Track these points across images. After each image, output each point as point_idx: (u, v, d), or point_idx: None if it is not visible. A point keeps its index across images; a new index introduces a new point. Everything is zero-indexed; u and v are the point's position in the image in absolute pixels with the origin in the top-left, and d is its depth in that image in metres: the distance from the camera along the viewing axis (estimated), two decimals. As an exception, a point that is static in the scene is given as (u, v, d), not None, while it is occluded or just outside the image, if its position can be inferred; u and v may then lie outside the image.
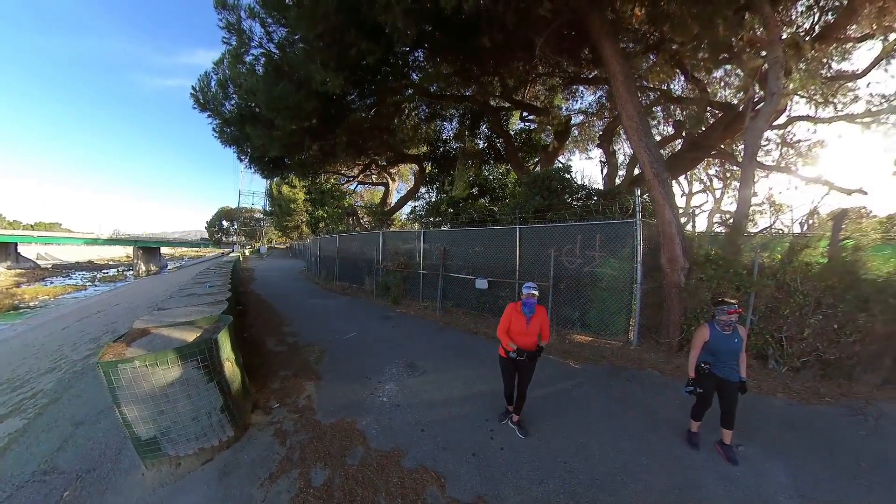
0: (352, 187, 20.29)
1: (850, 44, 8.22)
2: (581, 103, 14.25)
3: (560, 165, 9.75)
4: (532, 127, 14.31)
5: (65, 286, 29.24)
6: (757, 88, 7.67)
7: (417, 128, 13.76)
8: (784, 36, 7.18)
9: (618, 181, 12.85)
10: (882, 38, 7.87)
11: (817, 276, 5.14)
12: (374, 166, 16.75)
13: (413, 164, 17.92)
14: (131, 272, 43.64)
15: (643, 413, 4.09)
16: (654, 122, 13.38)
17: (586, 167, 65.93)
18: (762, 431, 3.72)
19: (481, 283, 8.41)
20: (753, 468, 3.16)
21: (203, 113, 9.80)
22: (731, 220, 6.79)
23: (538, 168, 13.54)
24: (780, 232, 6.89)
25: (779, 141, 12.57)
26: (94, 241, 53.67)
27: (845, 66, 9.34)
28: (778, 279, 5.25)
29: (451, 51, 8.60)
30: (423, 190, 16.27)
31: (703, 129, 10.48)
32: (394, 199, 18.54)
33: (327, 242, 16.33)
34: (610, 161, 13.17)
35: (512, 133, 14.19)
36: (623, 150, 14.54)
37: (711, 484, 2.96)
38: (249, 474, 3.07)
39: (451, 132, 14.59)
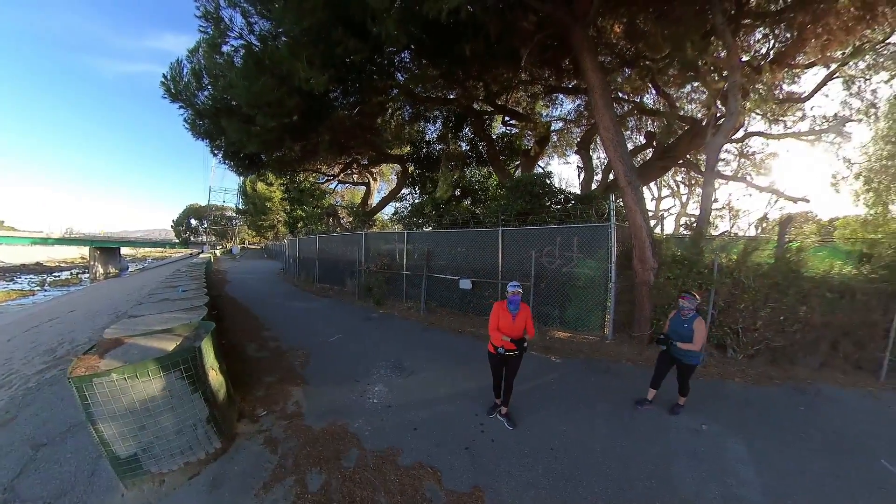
0: (331, 186, 19.81)
1: (799, 70, 9.15)
2: (560, 111, 14.66)
3: (541, 171, 10.30)
4: (513, 132, 14.64)
5: (8, 291, 26.71)
6: (719, 105, 8.38)
7: (401, 128, 13.65)
8: (744, 58, 7.93)
9: (594, 186, 13.31)
10: (825, 66, 8.79)
11: (766, 274, 5.71)
12: (355, 165, 16.45)
13: (395, 165, 17.76)
14: (87, 275, 40.66)
15: (619, 401, 4.42)
16: (628, 133, 14.02)
17: (564, 171, 67.69)
18: (723, 411, 4.19)
19: (465, 284, 8.49)
20: (716, 443, 3.58)
21: (174, 103, 9.25)
22: (695, 224, 7.45)
23: (519, 171, 13.92)
24: (736, 235, 7.57)
25: (737, 153, 13.77)
26: (44, 241, 49.59)
27: (795, 89, 10.38)
28: (734, 277, 5.78)
29: (438, 55, 8.61)
30: (405, 191, 16.15)
31: (672, 140, 11.28)
32: (375, 199, 18.28)
33: (307, 243, 15.90)
34: (586, 167, 13.69)
35: (494, 137, 14.36)
36: (599, 156, 15.12)
37: (682, 459, 3.34)
38: (242, 485, 2.94)
39: (434, 133, 14.58)
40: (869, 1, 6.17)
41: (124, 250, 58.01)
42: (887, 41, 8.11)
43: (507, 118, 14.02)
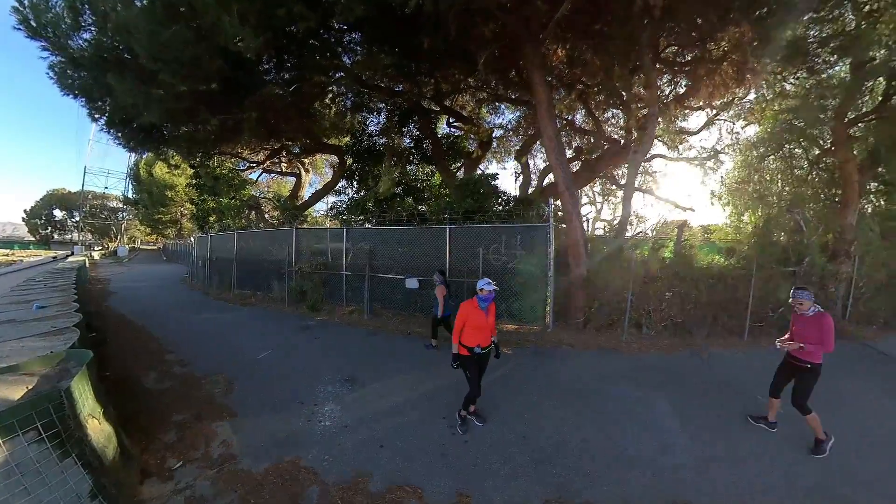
0: (253, 176, 17.36)
1: (690, 111, 11.73)
2: (502, 119, 15.27)
3: (487, 173, 10.58)
4: (456, 133, 14.72)
5: None
6: (633, 132, 10.10)
7: (342, 116, 12.47)
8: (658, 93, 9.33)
9: (530, 191, 13.99)
10: (710, 109, 11.59)
11: (669, 266, 7.28)
12: (284, 153, 14.62)
13: (331, 156, 16.34)
14: None
15: (568, 383, 4.91)
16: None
17: (501, 176, 70.31)
18: (647, 378, 5.06)
19: (412, 283, 8.07)
20: (645, 404, 4.31)
21: (35, 42, 6.93)
22: (616, 226, 8.77)
23: (461, 173, 14.11)
24: (646, 235, 9.15)
25: (642, 170, 16.28)
26: None
27: (686, 125, 13.39)
28: (646, 269, 7.13)
29: (392, 43, 7.97)
30: (342, 183, 14.86)
31: (595, 155, 12.82)
32: (307, 193, 16.58)
33: (221, 241, 13.62)
34: (524, 173, 14.55)
35: (439, 136, 14.12)
36: (536, 164, 16.09)
37: (626, 424, 3.89)
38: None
39: (377, 126, 13.66)
40: (740, 68, 8.06)
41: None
42: (746, 98, 11.07)
43: (451, 120, 14.10)
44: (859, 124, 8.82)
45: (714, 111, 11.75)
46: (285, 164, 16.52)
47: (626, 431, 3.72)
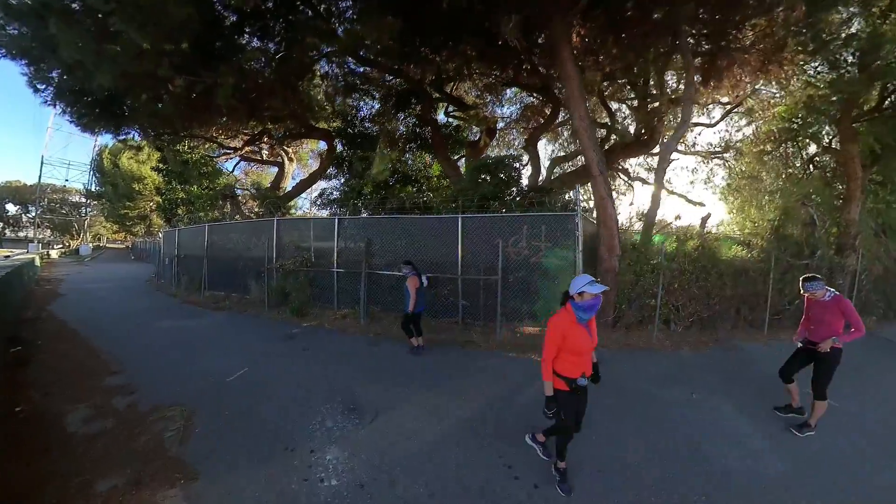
0: (229, 166, 15.64)
1: (711, 103, 11.46)
2: (502, 110, 14.56)
3: (508, 154, 9.69)
4: (454, 123, 13.81)
5: None
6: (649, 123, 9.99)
7: (332, 98, 11.05)
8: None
9: (539, 181, 13.14)
10: (730, 102, 11.00)
11: (695, 259, 6.92)
12: (266, 138, 13.05)
13: (318, 144, 14.90)
14: None
15: (618, 391, 4.20)
16: (564, 139, 14.69)
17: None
18: (694, 378, 4.71)
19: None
20: (706, 408, 3.93)
21: None
22: (646, 216, 7.99)
23: (463, 163, 13.25)
24: (671, 228, 8.67)
25: (647, 165, 15.79)
26: None
27: (703, 119, 12.81)
28: (674, 262, 6.74)
29: (398, 6, 6.78)
30: (331, 170, 13.39)
31: (608, 146, 12.32)
32: (289, 185, 15.05)
33: (191, 236, 12.02)
34: (534, 163, 13.72)
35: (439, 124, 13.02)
36: (547, 153, 15.40)
37: (698, 431, 3.48)
38: None
39: (370, 111, 12.32)
40: (767, 58, 7.77)
41: None
42: (763, 91, 10.55)
43: (451, 108, 13.11)
44: (863, 122, 8.80)
45: (733, 103, 11.09)
46: (266, 152, 14.91)
47: (704, 440, 3.29)
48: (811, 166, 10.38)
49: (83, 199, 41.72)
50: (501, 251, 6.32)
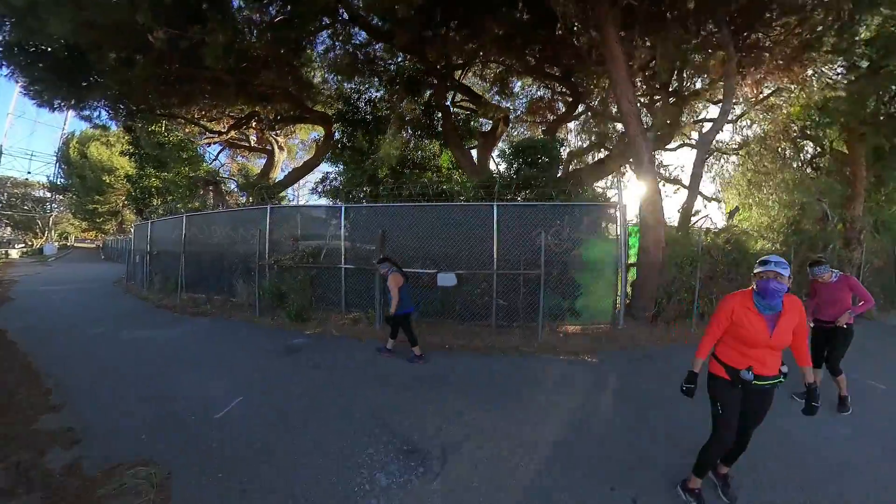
0: (211, 153, 13.95)
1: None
2: (515, 104, 13.65)
3: (548, 138, 8.88)
4: (462, 115, 12.92)
5: None
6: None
7: (339, 71, 9.67)
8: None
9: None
10: (755, 96, 10.46)
11: (727, 252, 6.94)
12: (254, 123, 11.60)
13: (311, 133, 13.51)
14: None
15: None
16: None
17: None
18: None
19: (448, 279, 5.97)
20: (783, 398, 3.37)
21: None
22: (683, 208, 7.91)
23: (475, 153, 12.20)
24: (706, 220, 8.70)
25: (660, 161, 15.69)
26: None
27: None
28: (710, 255, 6.75)
29: None
30: (328, 165, 12.04)
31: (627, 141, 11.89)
32: (279, 176, 13.56)
33: (166, 229, 10.44)
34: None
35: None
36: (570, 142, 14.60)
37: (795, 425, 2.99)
38: None
39: (376, 93, 10.95)
40: (797, 55, 7.68)
41: None
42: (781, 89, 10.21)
43: (458, 98, 12.15)
44: (868, 124, 9.06)
45: (754, 101, 10.77)
46: (255, 139, 13.36)
47: (805, 435, 2.93)
48: (809, 167, 11.11)
49: (48, 194, 38.51)
50: (544, 243, 5.58)
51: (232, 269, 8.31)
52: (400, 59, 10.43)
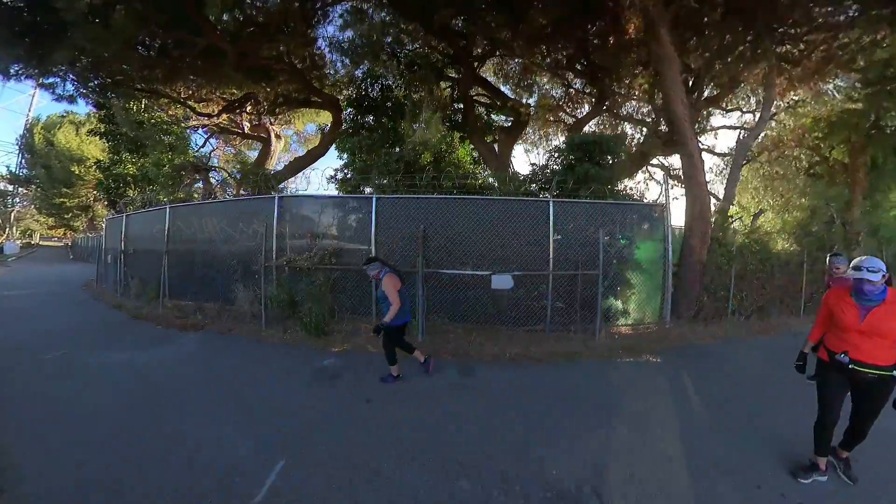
0: (198, 140, 12.28)
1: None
2: (535, 101, 13.11)
3: (613, 134, 8.84)
4: (480, 108, 12.17)
5: None
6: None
7: (348, 51, 8.46)
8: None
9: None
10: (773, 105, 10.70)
11: (756, 252, 7.39)
12: (250, 106, 10.17)
13: (320, 117, 12.15)
14: None
15: (765, 385, 3.92)
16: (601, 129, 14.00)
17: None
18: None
19: (503, 281, 5.37)
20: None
21: None
22: (720, 210, 8.04)
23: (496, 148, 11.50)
24: (737, 220, 9.16)
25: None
26: None
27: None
28: (743, 254, 7.14)
29: None
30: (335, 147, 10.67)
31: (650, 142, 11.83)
32: (276, 167, 12.14)
33: (146, 223, 8.86)
34: None
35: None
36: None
37: None
38: None
39: (396, 79, 9.77)
40: (822, 65, 8.11)
41: None
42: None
43: (478, 91, 11.29)
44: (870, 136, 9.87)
45: (776, 110, 11.14)
46: (248, 125, 11.87)
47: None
48: (806, 173, 11.89)
49: (9, 187, 35.27)
50: (602, 242, 5.33)
51: (229, 271, 6.92)
52: (416, 46, 9.66)
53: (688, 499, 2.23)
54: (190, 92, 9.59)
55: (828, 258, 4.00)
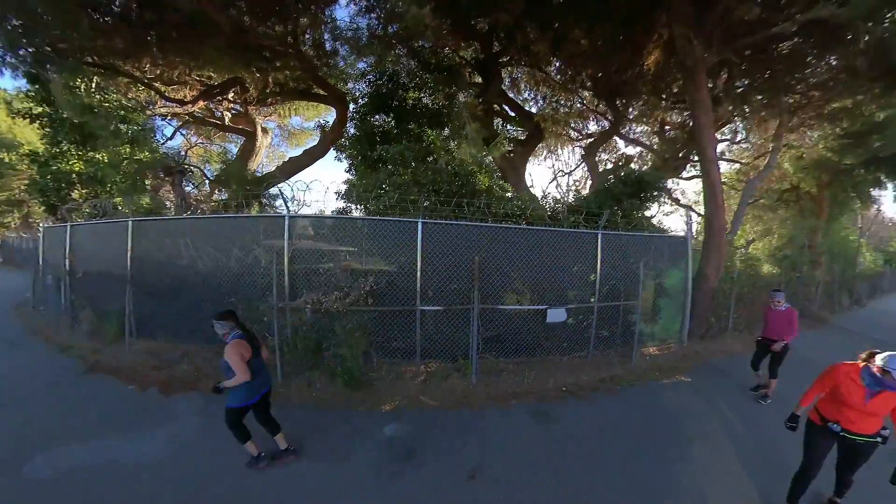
0: (161, 133, 10.18)
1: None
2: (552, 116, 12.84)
3: (653, 172, 8.84)
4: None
5: None
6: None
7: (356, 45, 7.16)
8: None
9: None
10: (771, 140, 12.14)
11: (751, 276, 9.00)
12: (234, 93, 8.48)
13: (319, 111, 10.66)
14: None
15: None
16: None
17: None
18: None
19: (557, 315, 5.31)
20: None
21: None
22: (727, 241, 8.33)
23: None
24: (736, 248, 10.56)
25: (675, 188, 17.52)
26: None
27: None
28: (741, 280, 8.38)
29: None
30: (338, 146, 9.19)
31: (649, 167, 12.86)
32: (262, 167, 10.50)
33: (99, 238, 7.02)
34: (593, 174, 13.39)
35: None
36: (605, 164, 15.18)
37: None
38: None
39: (416, 79, 8.46)
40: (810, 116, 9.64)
41: None
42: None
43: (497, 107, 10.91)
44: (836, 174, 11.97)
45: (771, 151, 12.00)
46: (229, 118, 10.06)
47: None
48: (779, 200, 13.77)
49: None
50: (642, 273, 5.76)
51: (220, 301, 5.49)
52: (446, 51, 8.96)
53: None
54: (158, 72, 7.81)
55: (770, 292, 4.66)
